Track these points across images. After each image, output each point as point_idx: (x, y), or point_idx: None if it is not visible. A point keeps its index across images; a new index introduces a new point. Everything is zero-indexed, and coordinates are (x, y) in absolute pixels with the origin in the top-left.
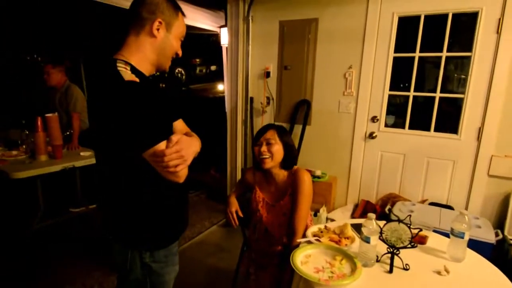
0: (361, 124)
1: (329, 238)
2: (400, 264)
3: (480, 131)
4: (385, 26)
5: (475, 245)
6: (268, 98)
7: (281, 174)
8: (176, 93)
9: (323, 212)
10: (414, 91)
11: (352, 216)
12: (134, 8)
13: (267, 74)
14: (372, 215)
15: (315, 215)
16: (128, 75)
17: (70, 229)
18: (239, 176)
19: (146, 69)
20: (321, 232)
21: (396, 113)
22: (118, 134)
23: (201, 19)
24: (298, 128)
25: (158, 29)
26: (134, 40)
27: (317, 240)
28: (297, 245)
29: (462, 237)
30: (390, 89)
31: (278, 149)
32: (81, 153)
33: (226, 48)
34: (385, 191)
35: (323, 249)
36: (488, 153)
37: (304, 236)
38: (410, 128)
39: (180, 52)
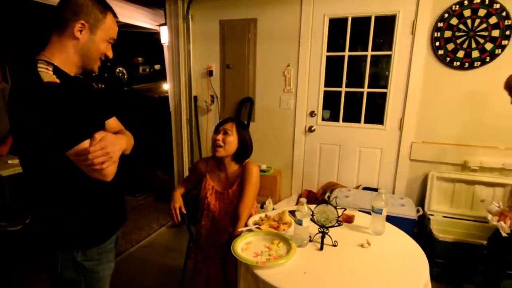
0: (301, 119)
1: (269, 225)
2: (330, 242)
3: (401, 121)
4: (318, 27)
5: (400, 221)
6: (212, 96)
7: (232, 165)
8: (114, 93)
9: (269, 204)
10: (347, 87)
11: None
12: (58, 8)
13: (210, 73)
14: (303, 200)
15: (262, 207)
16: (48, 76)
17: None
18: (186, 175)
19: (71, 69)
20: (262, 220)
21: (331, 107)
22: (37, 135)
23: (139, 17)
24: None
25: (80, 31)
26: (57, 41)
27: (258, 228)
28: (240, 234)
29: (381, 213)
30: (325, 86)
31: (232, 140)
32: (9, 161)
33: (167, 46)
34: (325, 180)
35: (263, 236)
36: (409, 140)
37: (246, 225)
38: (344, 121)
39: (109, 54)
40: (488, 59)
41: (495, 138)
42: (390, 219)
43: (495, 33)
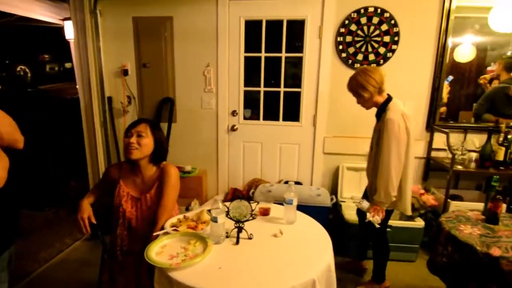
0: (223, 118)
1: (187, 225)
2: (246, 235)
3: (314, 118)
4: (234, 28)
5: (317, 210)
6: (129, 97)
7: (149, 168)
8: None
9: (194, 205)
10: (266, 86)
11: None
12: None
13: (125, 72)
14: (218, 197)
15: (187, 209)
16: None
17: None
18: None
19: None
20: (180, 222)
21: (252, 106)
22: None
23: (38, 10)
24: (164, 126)
25: None
26: None
27: (175, 230)
28: (155, 238)
29: (291, 203)
30: (245, 85)
31: (148, 142)
32: None
33: (74, 43)
34: (250, 177)
35: (179, 237)
36: (322, 135)
37: (162, 228)
38: (264, 119)
39: None
40: (382, 61)
41: None
42: (309, 209)
43: (387, 38)
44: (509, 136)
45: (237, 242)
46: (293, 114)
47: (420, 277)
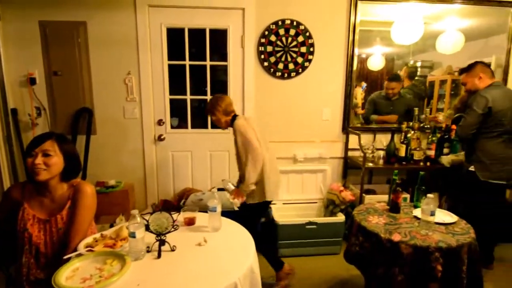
0: (149, 128)
1: (104, 244)
2: (169, 248)
3: None
4: (156, 35)
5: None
6: (38, 108)
7: (59, 187)
8: None
9: (120, 221)
10: (193, 94)
11: None
12: None
13: (32, 81)
14: (135, 211)
15: (111, 226)
16: None
17: None
18: None
19: None
20: (96, 241)
21: (179, 115)
22: None
23: None
24: (82, 139)
25: None
26: None
27: (90, 250)
28: (67, 261)
29: (215, 211)
30: (171, 94)
31: (56, 161)
32: None
33: None
34: (181, 187)
35: (94, 258)
36: None
37: (75, 250)
38: (192, 127)
39: None
40: (300, 70)
41: (312, 134)
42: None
43: (303, 49)
44: (408, 135)
45: (159, 256)
46: None
47: (344, 268)
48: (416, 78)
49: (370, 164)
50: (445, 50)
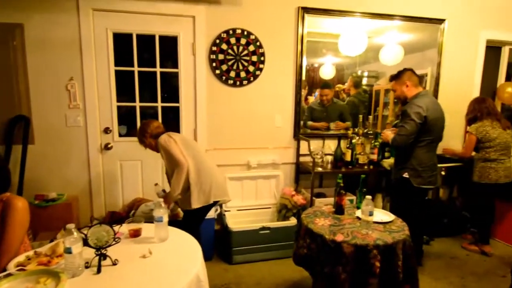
0: (94, 137)
1: (38, 262)
2: (110, 262)
3: (195, 132)
4: (101, 40)
5: (204, 223)
6: None
7: None
8: None
9: (61, 237)
10: (142, 102)
11: None
12: None
13: None
14: (71, 225)
15: (51, 241)
16: None
17: None
18: None
19: None
20: (29, 259)
21: (127, 122)
22: None
23: None
24: (17, 149)
25: None
26: None
27: (21, 269)
28: None
29: (162, 221)
30: (118, 101)
31: None
32: None
33: None
34: (130, 197)
35: (25, 277)
36: (204, 148)
37: (4, 270)
38: None
39: None
40: (252, 78)
41: (266, 141)
42: None
43: (254, 58)
44: (353, 141)
45: (98, 271)
46: (173, 129)
47: (298, 270)
48: (363, 87)
49: (320, 169)
50: (387, 62)
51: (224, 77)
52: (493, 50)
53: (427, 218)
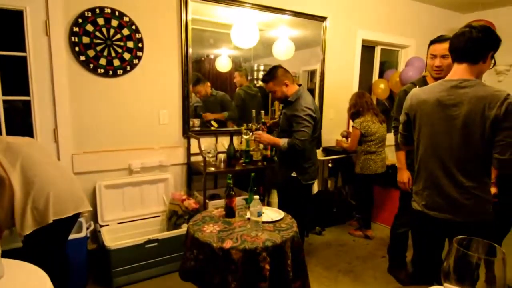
0: None
1: None
2: None
3: (55, 132)
4: None
5: (73, 244)
6: None
7: None
8: None
9: None
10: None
11: None
12: None
13: None
14: None
15: None
16: None
17: None
18: None
19: None
20: None
21: None
22: None
23: None
24: None
25: None
26: None
27: None
28: None
29: None
30: None
31: None
32: None
33: None
34: None
35: None
36: (69, 153)
37: None
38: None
39: None
40: (128, 67)
41: (150, 140)
42: None
43: (130, 44)
44: (246, 137)
45: None
46: (23, 129)
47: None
48: (255, 82)
49: (212, 169)
50: (279, 56)
51: (92, 65)
52: (368, 49)
53: (318, 210)
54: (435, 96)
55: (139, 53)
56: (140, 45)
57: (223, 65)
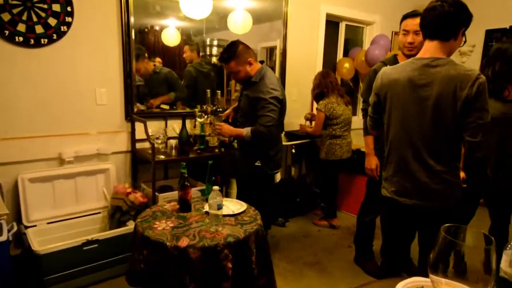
0: None
1: None
2: None
3: None
4: None
5: None
6: None
7: None
8: None
9: None
10: None
11: None
12: None
13: None
14: None
15: None
16: None
17: None
18: None
19: None
20: None
21: None
22: None
23: None
24: None
25: None
26: None
27: None
28: None
29: None
30: None
31: None
32: None
33: None
34: None
35: None
36: None
37: None
38: None
39: None
40: (55, 36)
41: (85, 124)
42: None
43: (56, 7)
44: (200, 120)
45: None
46: None
47: None
48: (208, 58)
49: (162, 157)
50: (236, 30)
51: (7, 32)
52: (332, 25)
53: (281, 199)
54: (407, 75)
55: (68, 19)
56: (69, 8)
57: (171, 38)
